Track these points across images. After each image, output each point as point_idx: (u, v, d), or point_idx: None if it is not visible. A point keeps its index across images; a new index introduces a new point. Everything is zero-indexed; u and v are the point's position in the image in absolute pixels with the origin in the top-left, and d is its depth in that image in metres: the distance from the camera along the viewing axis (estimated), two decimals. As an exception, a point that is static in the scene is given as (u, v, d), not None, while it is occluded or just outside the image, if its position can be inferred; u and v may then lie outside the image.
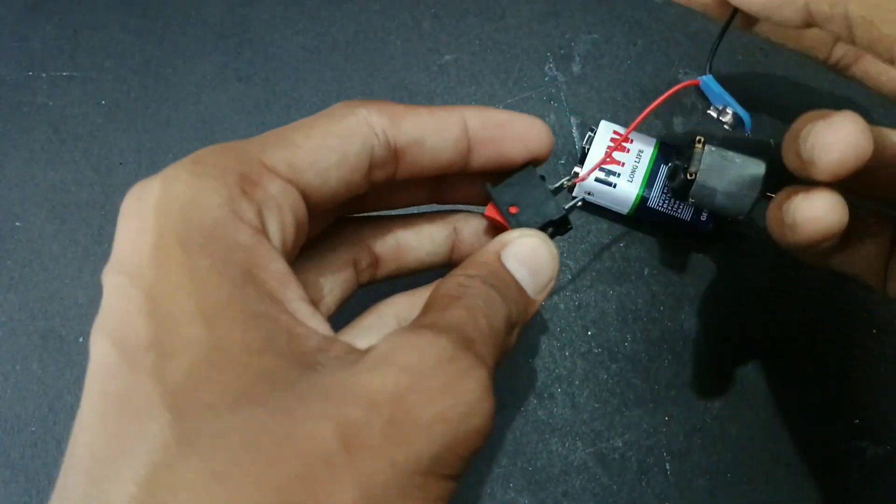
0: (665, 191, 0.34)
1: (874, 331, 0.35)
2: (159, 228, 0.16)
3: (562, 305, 0.35)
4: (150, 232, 0.16)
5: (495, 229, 0.25)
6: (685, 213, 0.34)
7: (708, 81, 0.29)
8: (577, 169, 0.34)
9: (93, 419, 0.15)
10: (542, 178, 0.24)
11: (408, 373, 0.15)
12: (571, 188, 0.35)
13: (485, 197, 0.24)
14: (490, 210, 0.24)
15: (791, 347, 0.34)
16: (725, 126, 0.30)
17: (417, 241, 0.25)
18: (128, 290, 0.15)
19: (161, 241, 0.15)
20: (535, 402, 0.34)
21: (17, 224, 0.37)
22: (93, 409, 0.15)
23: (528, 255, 0.21)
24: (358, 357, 0.16)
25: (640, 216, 0.34)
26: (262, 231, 0.17)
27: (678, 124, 0.37)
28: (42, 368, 0.34)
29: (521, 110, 0.38)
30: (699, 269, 0.35)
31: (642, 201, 0.34)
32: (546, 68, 0.39)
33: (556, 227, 0.24)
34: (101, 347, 0.15)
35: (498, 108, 0.38)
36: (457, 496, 0.29)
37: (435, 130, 0.21)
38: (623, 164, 0.34)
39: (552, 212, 0.24)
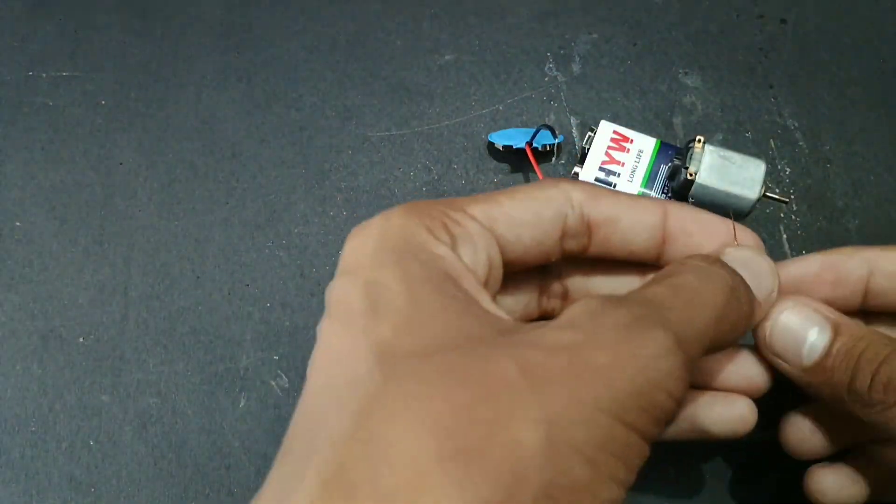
0: (665, 191, 0.34)
1: (874, 331, 0.35)
2: (379, 242, 0.20)
3: (562, 305, 0.35)
4: (370, 244, 0.20)
5: None
6: (685, 213, 0.34)
7: (537, 142, 0.35)
8: (577, 169, 0.34)
9: (317, 369, 0.18)
10: None
11: (583, 331, 0.17)
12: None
13: None
14: None
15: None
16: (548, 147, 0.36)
17: (608, 286, 0.25)
18: (349, 281, 0.19)
19: (379, 249, 0.19)
20: (535, 402, 0.34)
21: (17, 224, 0.37)
22: (317, 363, 0.18)
23: (746, 260, 0.22)
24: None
25: (640, 216, 0.34)
26: (456, 254, 0.20)
27: (678, 124, 0.38)
28: (42, 368, 0.34)
29: (521, 110, 0.38)
30: (699, 269, 0.35)
31: (642, 201, 0.34)
32: (546, 68, 0.39)
33: None
34: (327, 325, 0.19)
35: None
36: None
37: (631, 212, 0.22)
38: (623, 164, 0.34)
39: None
